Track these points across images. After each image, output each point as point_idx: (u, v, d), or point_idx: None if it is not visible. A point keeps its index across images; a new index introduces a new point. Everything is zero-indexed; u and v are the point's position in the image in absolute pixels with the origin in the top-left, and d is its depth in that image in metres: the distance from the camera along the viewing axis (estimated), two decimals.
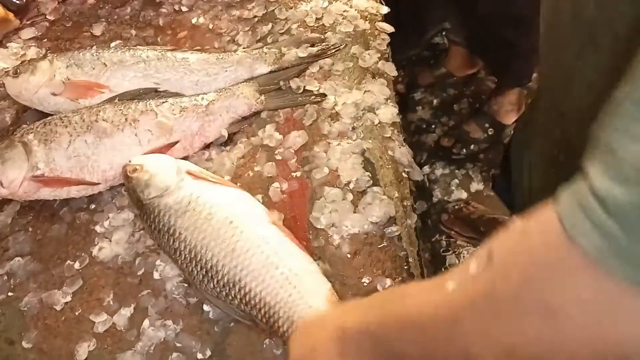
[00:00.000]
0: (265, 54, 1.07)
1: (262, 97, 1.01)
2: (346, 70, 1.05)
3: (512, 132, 2.05)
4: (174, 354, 0.76)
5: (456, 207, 1.92)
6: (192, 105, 0.97)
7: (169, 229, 0.77)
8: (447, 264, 1.85)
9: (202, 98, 0.98)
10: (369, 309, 0.56)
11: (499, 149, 2.06)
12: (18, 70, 1.00)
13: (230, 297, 0.75)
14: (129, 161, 0.85)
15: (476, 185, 2.01)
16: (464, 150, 2.06)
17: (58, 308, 0.82)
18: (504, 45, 1.76)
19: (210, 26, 1.19)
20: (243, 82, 1.04)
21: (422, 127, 2.18)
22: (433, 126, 2.18)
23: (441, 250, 1.88)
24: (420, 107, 2.21)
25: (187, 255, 0.76)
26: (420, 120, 2.20)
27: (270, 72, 1.05)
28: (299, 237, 0.85)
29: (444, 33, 2.18)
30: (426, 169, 2.05)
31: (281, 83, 1.03)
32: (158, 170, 0.82)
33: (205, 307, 0.80)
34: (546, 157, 0.81)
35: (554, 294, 0.37)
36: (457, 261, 1.85)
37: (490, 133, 2.05)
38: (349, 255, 0.83)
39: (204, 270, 0.76)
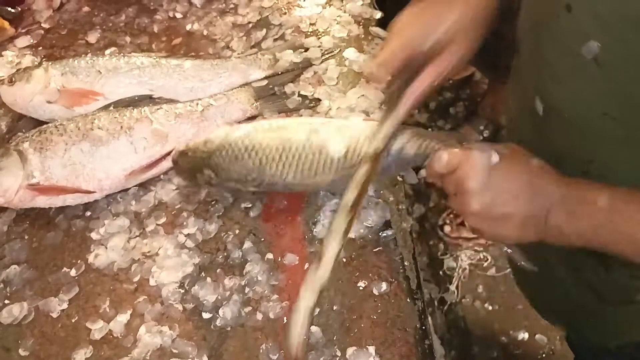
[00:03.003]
0: (260, 59, 1.07)
1: (257, 103, 1.01)
2: (340, 75, 1.06)
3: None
4: None
5: (451, 215, 1.91)
6: (187, 111, 0.97)
7: (248, 147, 0.82)
8: (444, 267, 1.85)
9: (197, 104, 0.98)
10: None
11: None
12: (13, 79, 1.00)
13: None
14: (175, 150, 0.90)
15: None
16: None
17: (54, 315, 0.82)
18: (493, 37, 1.74)
19: (205, 32, 1.20)
20: (238, 87, 1.04)
21: None
22: (430, 129, 2.18)
23: (439, 253, 1.88)
24: (416, 111, 2.21)
25: (266, 156, 0.81)
26: (417, 124, 2.20)
27: (265, 77, 1.06)
28: (295, 241, 0.85)
29: None
30: (423, 172, 2.04)
31: (276, 88, 1.03)
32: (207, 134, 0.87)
33: (204, 315, 0.80)
34: None
35: None
36: (454, 264, 1.85)
37: (485, 135, 2.05)
38: (344, 260, 0.83)
39: (283, 158, 0.81)
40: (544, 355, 1.66)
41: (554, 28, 0.66)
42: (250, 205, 0.90)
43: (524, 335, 1.69)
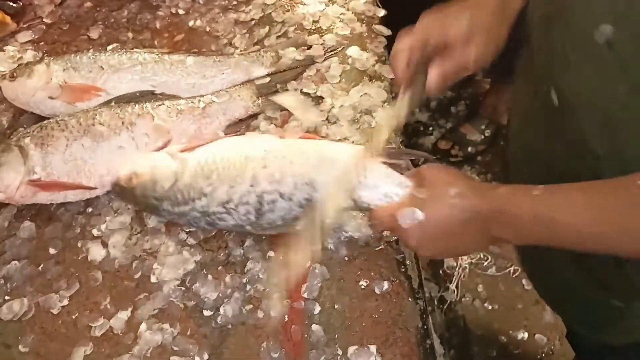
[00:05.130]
0: (262, 56, 1.07)
1: (259, 100, 1.01)
2: (343, 73, 1.05)
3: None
4: (172, 358, 0.76)
5: None
6: (189, 108, 0.97)
7: (201, 196, 0.79)
8: (444, 266, 1.85)
9: (199, 100, 0.98)
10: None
11: (496, 150, 2.06)
12: (15, 74, 1.00)
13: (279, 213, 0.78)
14: (116, 178, 0.85)
15: None
16: (462, 153, 2.06)
17: (55, 312, 0.81)
18: None
19: (207, 29, 1.19)
20: (240, 84, 1.04)
21: (419, 130, 2.18)
22: (431, 128, 2.18)
23: None
24: (417, 110, 2.21)
25: (229, 203, 0.78)
26: (418, 122, 2.20)
27: (267, 74, 1.05)
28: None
29: None
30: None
31: (278, 86, 1.03)
32: (153, 165, 0.83)
33: (205, 312, 0.80)
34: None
35: None
36: (454, 263, 1.85)
37: (487, 134, 2.05)
38: (346, 259, 0.83)
39: (246, 204, 0.78)
40: (543, 355, 1.66)
41: (566, 14, 0.65)
42: None
43: (523, 335, 1.69)
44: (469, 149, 2.06)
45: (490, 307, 1.76)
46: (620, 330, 0.86)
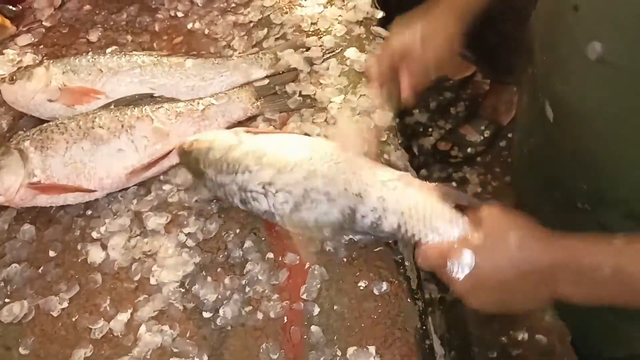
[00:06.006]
0: (261, 58, 1.07)
1: (258, 102, 1.01)
2: (342, 75, 1.06)
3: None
4: None
5: None
6: (188, 110, 0.97)
7: (245, 171, 0.80)
8: None
9: (198, 103, 0.98)
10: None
11: (495, 151, 2.06)
12: (14, 77, 1.00)
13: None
14: (182, 142, 0.89)
15: (473, 188, 2.01)
16: (461, 154, 2.06)
17: (55, 314, 0.81)
18: (496, 36, 1.72)
19: (206, 31, 1.19)
20: (239, 86, 1.04)
21: (419, 131, 2.18)
22: (430, 129, 2.18)
23: None
24: (417, 111, 2.22)
25: (271, 186, 0.78)
26: (417, 123, 2.20)
27: (266, 76, 1.06)
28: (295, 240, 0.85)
29: None
30: (423, 172, 2.05)
31: (277, 88, 1.03)
32: (214, 137, 0.86)
33: (205, 314, 0.80)
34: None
35: None
36: None
37: (486, 135, 2.05)
38: (345, 260, 0.83)
39: (288, 193, 0.77)
40: (543, 356, 1.66)
41: (562, 29, 0.65)
42: None
43: (523, 336, 1.69)
44: (469, 150, 2.06)
45: None
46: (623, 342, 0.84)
